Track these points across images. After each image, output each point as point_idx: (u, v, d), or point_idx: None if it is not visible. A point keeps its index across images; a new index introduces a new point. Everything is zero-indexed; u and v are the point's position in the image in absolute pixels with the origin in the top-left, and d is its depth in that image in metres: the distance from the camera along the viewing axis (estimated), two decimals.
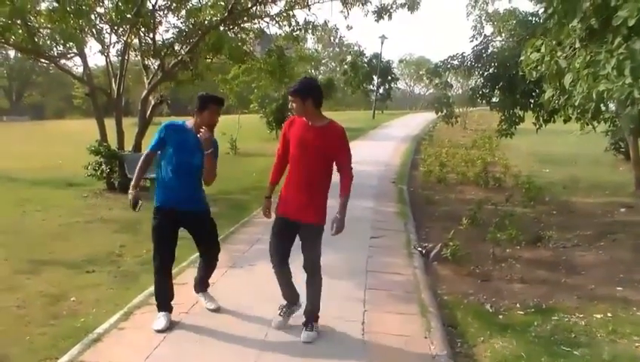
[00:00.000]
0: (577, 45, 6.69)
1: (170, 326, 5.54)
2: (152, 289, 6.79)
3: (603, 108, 7.14)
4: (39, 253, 8.58)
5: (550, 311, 6.72)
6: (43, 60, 16.34)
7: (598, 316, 6.59)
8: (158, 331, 5.44)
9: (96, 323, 5.74)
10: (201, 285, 6.29)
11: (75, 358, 4.90)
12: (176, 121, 5.79)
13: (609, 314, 6.63)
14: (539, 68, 7.51)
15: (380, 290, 6.99)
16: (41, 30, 14.56)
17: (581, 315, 6.61)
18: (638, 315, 6.67)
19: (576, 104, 7.37)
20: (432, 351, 5.27)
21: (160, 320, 5.57)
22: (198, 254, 7.78)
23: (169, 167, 5.56)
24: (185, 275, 7.39)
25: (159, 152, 5.65)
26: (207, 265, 6.15)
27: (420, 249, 9.23)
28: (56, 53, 15.39)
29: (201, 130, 5.41)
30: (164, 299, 5.75)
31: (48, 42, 14.88)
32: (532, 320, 6.39)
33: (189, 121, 5.66)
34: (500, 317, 6.57)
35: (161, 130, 5.55)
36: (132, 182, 5.93)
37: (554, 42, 7.27)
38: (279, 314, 5.58)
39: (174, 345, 5.21)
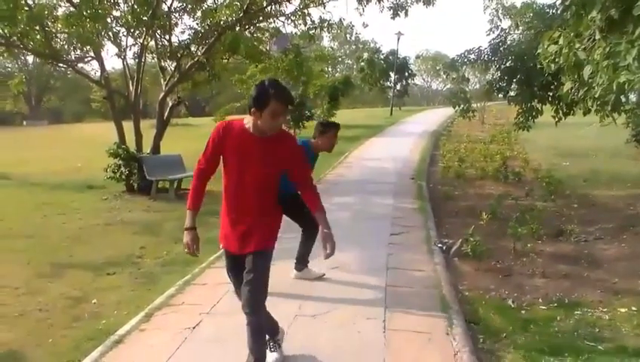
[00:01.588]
0: (597, 36, 6.61)
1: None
2: (172, 290, 6.84)
3: (623, 99, 7.04)
4: (60, 256, 8.65)
5: (573, 306, 6.65)
6: (61, 65, 16.46)
7: (622, 310, 6.52)
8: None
9: (118, 325, 5.77)
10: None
11: (97, 360, 4.93)
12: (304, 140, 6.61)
13: (633, 308, 6.55)
14: (557, 60, 7.44)
15: (400, 287, 6.95)
16: (59, 35, 14.69)
17: (605, 309, 6.54)
18: None
19: (596, 96, 7.30)
20: (454, 348, 5.23)
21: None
22: (217, 255, 7.85)
23: None
24: (204, 276, 7.40)
25: None
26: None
27: (440, 245, 9.18)
28: (73, 58, 15.51)
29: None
30: None
31: (66, 47, 15.01)
32: (555, 315, 6.33)
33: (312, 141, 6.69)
34: (523, 312, 6.51)
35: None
36: None
37: (572, 34, 7.20)
38: (271, 351, 4.85)
39: (196, 345, 5.21)
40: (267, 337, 4.73)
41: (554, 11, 13.23)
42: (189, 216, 4.50)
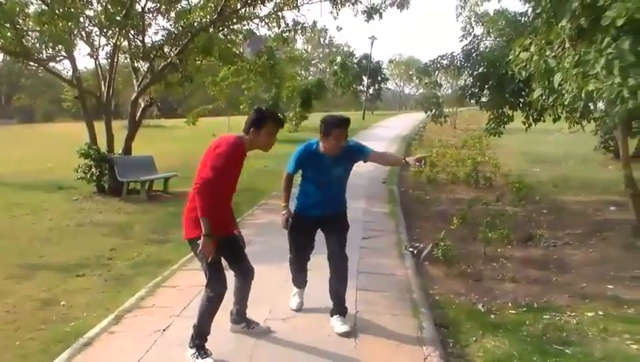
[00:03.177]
0: (567, 45, 6.69)
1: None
2: (142, 292, 6.79)
3: (592, 107, 7.14)
4: (29, 258, 8.56)
5: (542, 310, 6.72)
6: (32, 63, 16.29)
7: (590, 314, 6.60)
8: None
9: (87, 328, 5.71)
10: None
11: None
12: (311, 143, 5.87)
13: (600, 313, 6.64)
14: (528, 67, 7.52)
15: (371, 291, 6.97)
16: (30, 33, 14.48)
17: (572, 314, 6.62)
18: (629, 313, 6.69)
19: (566, 103, 7.39)
20: (424, 352, 5.25)
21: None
22: (188, 257, 7.81)
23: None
24: (175, 278, 7.36)
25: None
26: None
27: (411, 249, 9.23)
28: (45, 56, 15.31)
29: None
30: None
31: (37, 45, 14.81)
32: (524, 319, 6.38)
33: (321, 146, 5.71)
34: (492, 316, 6.56)
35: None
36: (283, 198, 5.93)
37: (543, 42, 7.28)
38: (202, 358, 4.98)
39: (166, 348, 5.18)
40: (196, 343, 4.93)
41: (525, 19, 13.35)
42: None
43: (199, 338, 4.90)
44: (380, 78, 64.93)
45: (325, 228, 5.85)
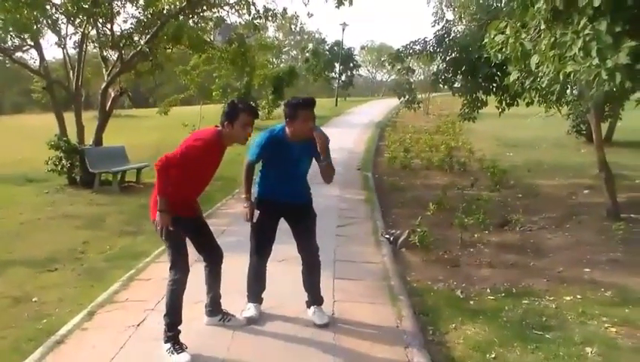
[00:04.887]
0: (542, 27, 6.64)
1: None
2: (116, 286, 6.67)
3: (568, 90, 7.12)
4: None
5: (520, 295, 6.71)
6: None
7: (568, 298, 6.60)
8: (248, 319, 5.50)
9: (59, 324, 5.58)
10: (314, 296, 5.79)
11: None
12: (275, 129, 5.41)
13: (578, 296, 6.65)
14: (503, 50, 7.46)
15: (349, 280, 6.92)
16: None
17: (551, 298, 6.62)
18: (607, 296, 6.70)
19: (543, 85, 7.35)
20: (404, 340, 5.21)
21: (251, 309, 5.62)
22: (161, 249, 7.69)
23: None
24: (149, 271, 7.24)
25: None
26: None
27: (387, 236, 9.18)
28: (10, 46, 15.02)
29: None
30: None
31: (2, 34, 14.50)
32: (503, 305, 6.36)
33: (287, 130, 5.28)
34: (471, 302, 6.53)
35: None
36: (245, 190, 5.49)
37: (518, 24, 7.22)
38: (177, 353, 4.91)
39: (140, 344, 5.06)
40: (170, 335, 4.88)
41: (497, 4, 13.33)
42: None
43: (171, 329, 4.81)
44: (351, 64, 65.00)
45: (291, 218, 5.57)
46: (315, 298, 5.68)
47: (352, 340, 5.21)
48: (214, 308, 5.40)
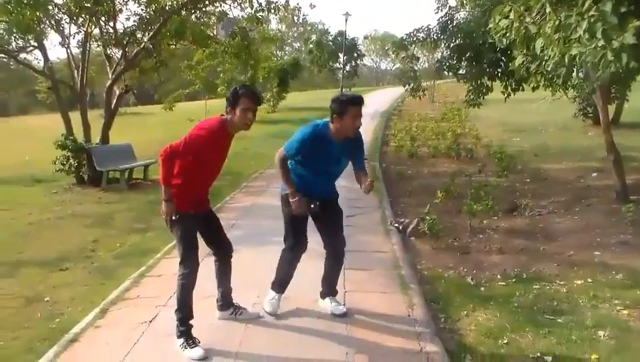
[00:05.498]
0: (547, 9, 6.59)
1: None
2: (127, 283, 6.68)
3: (573, 73, 7.07)
4: (9, 254, 8.38)
5: (531, 280, 6.71)
6: (1, 55, 15.98)
7: (579, 282, 6.60)
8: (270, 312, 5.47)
9: (72, 323, 5.57)
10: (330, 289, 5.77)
11: (51, 361, 4.74)
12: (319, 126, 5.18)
13: (589, 280, 6.65)
14: (508, 34, 7.43)
15: (359, 270, 6.91)
16: None
17: (562, 282, 6.62)
18: (617, 279, 6.70)
19: (549, 69, 7.32)
20: (416, 329, 5.20)
21: (274, 303, 5.55)
22: (171, 245, 7.70)
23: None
24: (159, 268, 7.25)
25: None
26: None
27: (396, 225, 9.18)
28: (14, 47, 15.04)
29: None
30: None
31: (5, 36, 14.53)
32: (514, 291, 6.36)
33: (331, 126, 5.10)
34: (482, 289, 6.54)
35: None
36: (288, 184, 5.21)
37: (522, 8, 7.18)
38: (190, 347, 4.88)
39: (154, 340, 5.06)
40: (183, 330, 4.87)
41: None
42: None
43: (183, 324, 4.81)
44: (356, 54, 64.99)
45: (320, 214, 5.39)
46: (331, 289, 5.69)
47: (365, 330, 5.21)
48: (225, 302, 5.40)
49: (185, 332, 4.79)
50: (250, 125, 4.90)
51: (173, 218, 4.79)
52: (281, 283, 5.59)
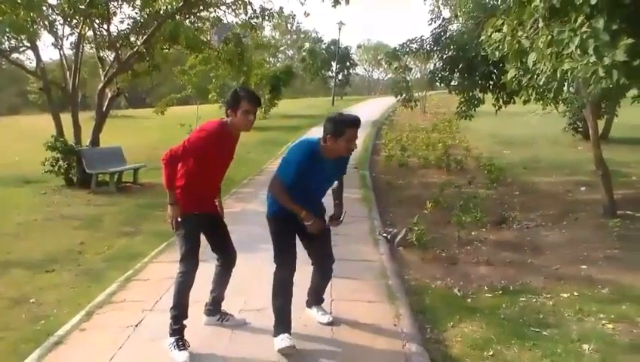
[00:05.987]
0: (540, 24, 6.65)
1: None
2: (113, 286, 6.66)
3: (565, 88, 7.13)
4: None
5: (518, 293, 6.72)
6: None
7: (565, 295, 6.62)
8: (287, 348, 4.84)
9: (58, 325, 5.57)
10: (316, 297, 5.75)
11: None
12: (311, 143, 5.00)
13: (575, 293, 6.66)
14: (500, 48, 7.48)
15: (347, 279, 6.90)
16: None
17: (548, 295, 6.63)
18: (604, 293, 6.72)
19: (540, 83, 7.37)
20: (402, 339, 5.21)
21: (285, 341, 4.87)
22: (159, 249, 7.69)
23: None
24: (146, 272, 7.24)
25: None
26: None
27: (384, 235, 9.19)
28: (7, 47, 15.00)
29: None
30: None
31: None
32: (500, 303, 6.38)
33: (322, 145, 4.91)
34: (469, 300, 6.55)
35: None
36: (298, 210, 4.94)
37: (515, 22, 7.24)
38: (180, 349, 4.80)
39: (139, 344, 5.06)
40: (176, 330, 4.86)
41: (494, 2, 13.36)
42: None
43: (177, 323, 4.82)
44: (348, 63, 65.16)
45: (306, 230, 5.07)
46: (318, 299, 5.69)
47: (351, 339, 5.21)
48: (215, 308, 5.41)
49: (177, 331, 4.80)
50: (251, 126, 4.97)
51: (179, 220, 4.86)
52: (285, 320, 5.01)
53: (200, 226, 5.02)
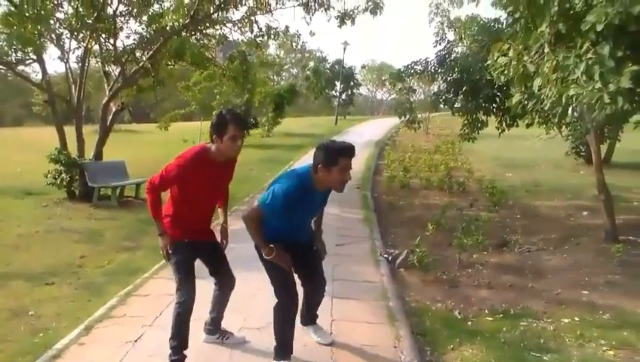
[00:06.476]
0: (545, 50, 6.70)
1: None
2: (113, 301, 6.64)
3: (569, 112, 7.15)
4: None
5: (518, 317, 6.70)
6: (0, 66, 15.98)
7: (566, 320, 6.59)
8: None
9: (56, 339, 5.55)
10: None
11: None
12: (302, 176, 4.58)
13: (576, 319, 6.64)
14: (506, 72, 7.52)
15: (347, 299, 6.90)
16: None
17: (549, 320, 6.61)
18: (605, 319, 6.69)
19: (545, 108, 7.40)
20: (402, 361, 5.19)
21: None
22: (159, 265, 7.66)
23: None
24: (146, 287, 7.22)
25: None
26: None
27: (385, 256, 9.18)
28: (13, 59, 15.06)
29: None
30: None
31: (5, 48, 14.55)
32: (501, 326, 6.36)
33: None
34: (469, 323, 6.52)
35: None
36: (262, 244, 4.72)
37: (521, 47, 7.28)
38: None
39: (138, 359, 5.05)
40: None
41: (499, 25, 13.44)
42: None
43: (176, 354, 4.74)
44: (352, 83, 65.34)
45: (297, 254, 4.90)
46: (313, 316, 5.62)
47: (350, 360, 5.20)
48: (214, 326, 5.38)
49: (176, 360, 4.73)
50: (238, 152, 4.78)
51: (170, 251, 4.80)
52: (287, 346, 4.93)
53: (193, 253, 4.91)
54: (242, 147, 4.77)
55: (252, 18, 16.36)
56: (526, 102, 8.30)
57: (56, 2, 14.16)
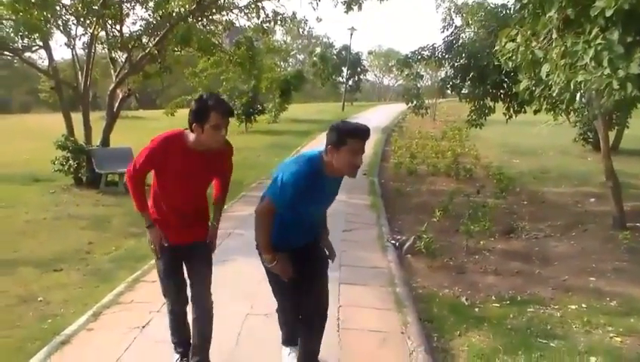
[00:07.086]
0: (554, 35, 6.65)
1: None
2: (121, 287, 6.67)
3: (577, 99, 7.11)
4: (4, 252, 8.37)
5: (525, 303, 6.70)
6: (7, 53, 15.98)
7: (573, 307, 6.59)
8: None
9: (64, 325, 5.57)
10: None
11: None
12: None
13: (583, 305, 6.64)
14: (514, 58, 7.48)
15: (354, 285, 6.92)
16: (4, 22, 14.23)
17: (556, 306, 6.61)
18: (612, 306, 6.69)
19: (554, 94, 7.36)
20: (409, 347, 5.20)
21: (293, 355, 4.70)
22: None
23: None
24: (154, 273, 7.21)
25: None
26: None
27: (393, 242, 9.19)
28: (20, 46, 15.06)
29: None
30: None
31: (12, 34, 14.55)
32: (508, 313, 6.36)
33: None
34: (476, 309, 6.53)
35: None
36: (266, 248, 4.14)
37: (529, 32, 7.24)
38: None
39: (145, 345, 5.07)
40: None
41: (507, 11, 13.36)
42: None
43: (177, 349, 4.64)
44: (359, 69, 65.12)
45: (302, 259, 4.27)
46: (296, 339, 4.71)
47: (357, 345, 5.22)
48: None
49: (179, 352, 4.66)
50: (222, 142, 4.18)
51: (165, 244, 4.31)
52: (292, 336, 4.75)
53: (179, 259, 4.40)
54: (249, 133, 4.58)
55: (259, 4, 16.33)
56: (534, 89, 8.26)
57: None
